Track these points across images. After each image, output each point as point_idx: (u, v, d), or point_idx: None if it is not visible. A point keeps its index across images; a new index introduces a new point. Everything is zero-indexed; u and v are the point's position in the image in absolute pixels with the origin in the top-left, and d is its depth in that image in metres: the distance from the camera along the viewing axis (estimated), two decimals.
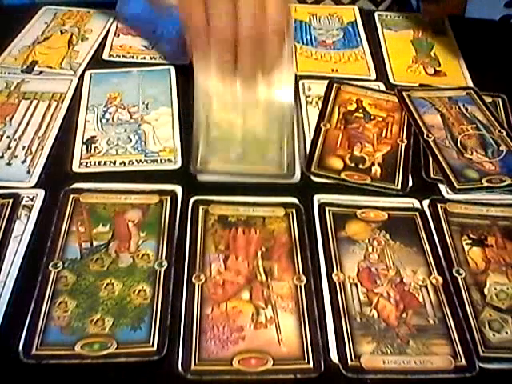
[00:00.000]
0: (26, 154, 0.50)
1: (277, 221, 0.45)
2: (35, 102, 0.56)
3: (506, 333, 0.39)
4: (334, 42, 0.68)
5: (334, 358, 0.37)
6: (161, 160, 0.50)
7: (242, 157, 0.49)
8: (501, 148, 0.54)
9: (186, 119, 0.53)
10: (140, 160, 0.50)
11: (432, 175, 0.51)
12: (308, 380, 0.36)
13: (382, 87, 0.61)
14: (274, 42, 0.50)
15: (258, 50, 0.50)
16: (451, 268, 0.43)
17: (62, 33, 0.66)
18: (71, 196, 0.46)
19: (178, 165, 0.50)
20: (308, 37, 0.68)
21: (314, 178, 0.50)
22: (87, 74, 0.60)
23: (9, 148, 0.51)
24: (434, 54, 0.67)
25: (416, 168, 0.52)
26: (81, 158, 0.50)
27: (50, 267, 0.41)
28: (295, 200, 0.47)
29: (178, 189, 0.47)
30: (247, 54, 0.50)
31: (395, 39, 0.69)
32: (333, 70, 0.63)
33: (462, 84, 0.62)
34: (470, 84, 0.62)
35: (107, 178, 0.48)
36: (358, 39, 0.68)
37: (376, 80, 0.63)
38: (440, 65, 0.65)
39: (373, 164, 0.51)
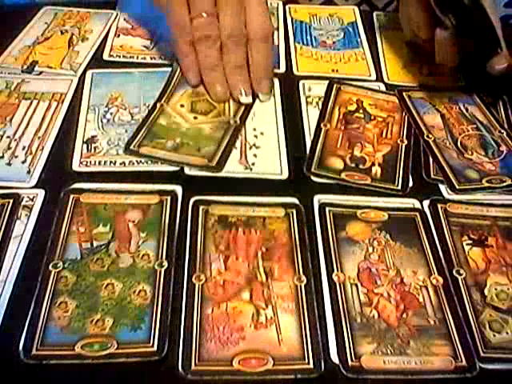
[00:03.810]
0: (26, 153, 0.50)
1: (277, 221, 0.45)
2: (35, 102, 0.56)
3: (507, 333, 0.39)
4: (334, 42, 0.68)
5: (335, 358, 0.37)
6: None
7: (177, 146, 0.51)
8: (501, 148, 0.54)
9: None
10: (140, 160, 0.50)
11: (432, 175, 0.51)
12: (308, 380, 0.36)
13: (383, 87, 0.61)
14: (260, 48, 0.54)
15: (242, 52, 0.54)
16: (451, 268, 0.43)
17: (62, 33, 0.66)
18: (71, 196, 0.46)
19: None
20: (308, 37, 0.68)
21: (314, 179, 0.50)
22: (88, 73, 0.60)
23: (9, 148, 0.51)
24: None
25: (416, 168, 0.52)
26: (81, 158, 0.50)
27: (50, 267, 0.41)
28: (295, 200, 0.47)
29: (179, 189, 0.47)
30: (231, 52, 0.54)
31: (392, 39, 0.69)
32: (333, 71, 0.63)
33: (457, 84, 0.62)
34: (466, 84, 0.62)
35: (107, 177, 0.48)
36: (359, 40, 0.68)
37: (376, 80, 0.63)
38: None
39: (373, 164, 0.51)
